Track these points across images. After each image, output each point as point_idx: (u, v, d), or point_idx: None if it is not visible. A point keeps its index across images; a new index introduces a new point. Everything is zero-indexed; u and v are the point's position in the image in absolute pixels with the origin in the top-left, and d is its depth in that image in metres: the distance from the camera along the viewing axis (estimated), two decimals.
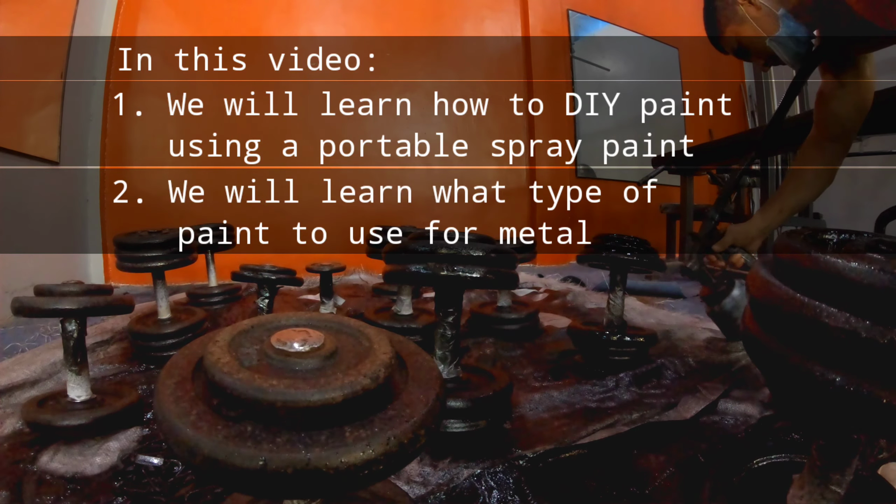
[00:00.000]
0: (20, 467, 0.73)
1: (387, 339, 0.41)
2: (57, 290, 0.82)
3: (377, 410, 0.35)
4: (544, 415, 0.93)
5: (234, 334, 0.39)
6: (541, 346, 1.38)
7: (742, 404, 0.93)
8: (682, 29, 4.36)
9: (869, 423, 0.38)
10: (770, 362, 0.42)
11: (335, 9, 3.38)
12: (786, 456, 0.69)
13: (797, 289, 0.39)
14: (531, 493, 0.68)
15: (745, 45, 1.22)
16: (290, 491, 0.34)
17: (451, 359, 0.82)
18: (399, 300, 1.42)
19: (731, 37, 1.23)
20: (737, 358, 1.15)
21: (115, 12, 2.86)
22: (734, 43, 1.24)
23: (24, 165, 2.08)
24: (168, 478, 0.71)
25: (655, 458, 0.77)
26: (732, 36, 1.22)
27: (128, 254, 1.24)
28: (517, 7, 3.86)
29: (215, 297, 1.77)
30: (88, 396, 0.86)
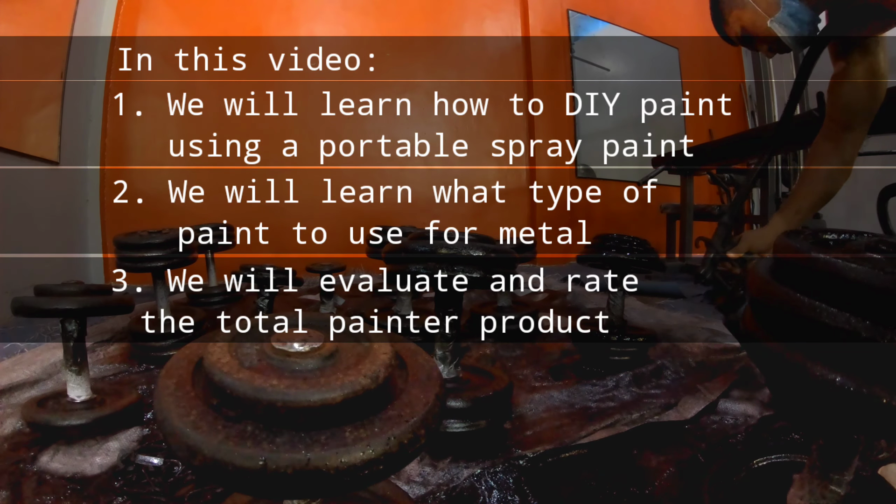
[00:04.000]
0: (20, 467, 0.73)
1: (387, 339, 0.41)
2: (57, 290, 0.82)
3: (377, 410, 0.35)
4: (544, 415, 0.93)
5: (234, 334, 0.39)
6: (541, 346, 1.38)
7: (742, 404, 0.93)
8: (682, 29, 4.36)
9: (869, 423, 0.38)
10: (770, 362, 0.42)
11: (335, 9, 3.38)
12: (786, 456, 0.69)
13: (797, 289, 0.39)
14: (531, 493, 0.68)
15: (749, 29, 1.18)
16: (290, 491, 0.34)
17: (451, 359, 0.82)
18: (399, 300, 1.42)
19: (734, 23, 1.21)
20: (737, 358, 1.15)
21: (115, 12, 2.86)
22: (738, 29, 1.21)
23: (24, 165, 2.08)
24: (168, 478, 0.71)
25: (655, 458, 0.77)
26: (736, 22, 1.20)
27: (128, 254, 1.24)
28: (517, 7, 3.86)
29: (215, 297, 1.77)
30: (88, 396, 0.86)
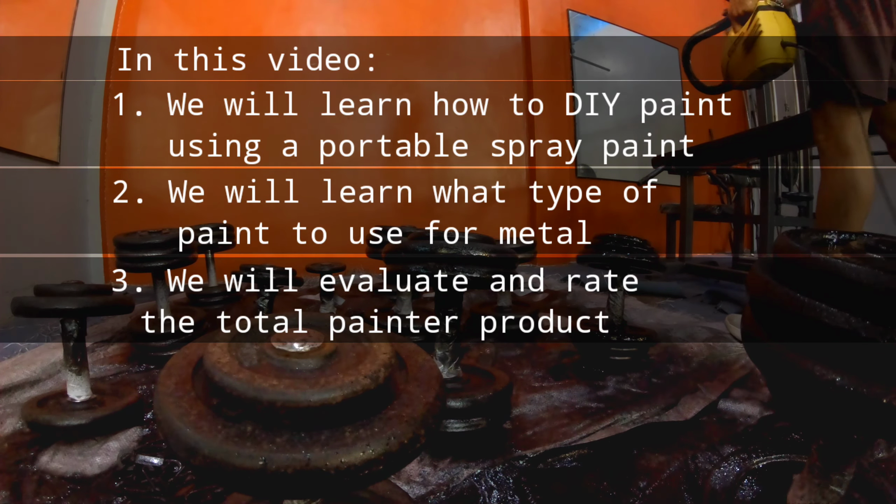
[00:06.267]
0: (20, 467, 0.73)
1: (387, 339, 0.41)
2: (57, 290, 0.82)
3: (377, 410, 0.35)
4: (544, 415, 0.93)
5: (234, 334, 0.39)
6: (541, 346, 1.38)
7: (742, 404, 0.93)
8: (682, 29, 4.35)
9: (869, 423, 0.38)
10: (770, 362, 0.42)
11: (335, 9, 3.38)
12: (786, 456, 0.69)
13: (797, 289, 0.39)
14: (531, 493, 0.68)
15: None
16: (290, 491, 0.34)
17: (451, 359, 0.82)
18: (399, 300, 1.42)
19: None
20: (737, 358, 1.15)
21: (115, 12, 2.86)
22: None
23: (24, 165, 2.08)
24: (168, 478, 0.71)
25: (655, 458, 0.77)
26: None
27: (128, 254, 1.24)
28: (517, 7, 3.86)
29: (215, 297, 1.77)
30: (88, 396, 0.86)
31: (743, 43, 1.47)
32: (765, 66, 1.42)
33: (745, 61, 1.48)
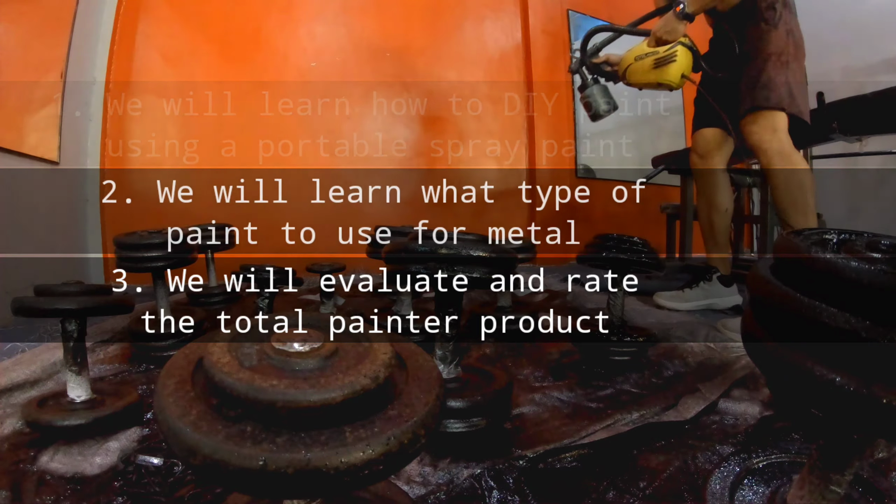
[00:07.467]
0: (20, 467, 0.73)
1: (387, 339, 0.41)
2: (57, 290, 0.82)
3: (377, 410, 0.35)
4: (544, 415, 0.93)
5: (234, 334, 0.39)
6: (541, 346, 1.38)
7: (742, 404, 0.93)
8: None
9: (869, 423, 0.38)
10: (770, 362, 0.42)
11: (335, 9, 3.38)
12: (786, 456, 0.69)
13: (797, 289, 0.39)
14: (531, 493, 0.68)
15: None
16: (290, 491, 0.34)
17: (451, 359, 0.82)
18: (399, 300, 1.42)
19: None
20: (737, 358, 1.15)
21: (115, 12, 2.86)
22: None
23: (24, 165, 2.08)
24: (168, 478, 0.71)
25: (655, 458, 0.77)
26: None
27: (128, 254, 1.24)
28: (517, 7, 3.86)
29: (215, 297, 1.77)
30: (88, 396, 0.86)
31: (655, 58, 1.87)
32: (663, 83, 1.91)
33: (649, 72, 1.92)
